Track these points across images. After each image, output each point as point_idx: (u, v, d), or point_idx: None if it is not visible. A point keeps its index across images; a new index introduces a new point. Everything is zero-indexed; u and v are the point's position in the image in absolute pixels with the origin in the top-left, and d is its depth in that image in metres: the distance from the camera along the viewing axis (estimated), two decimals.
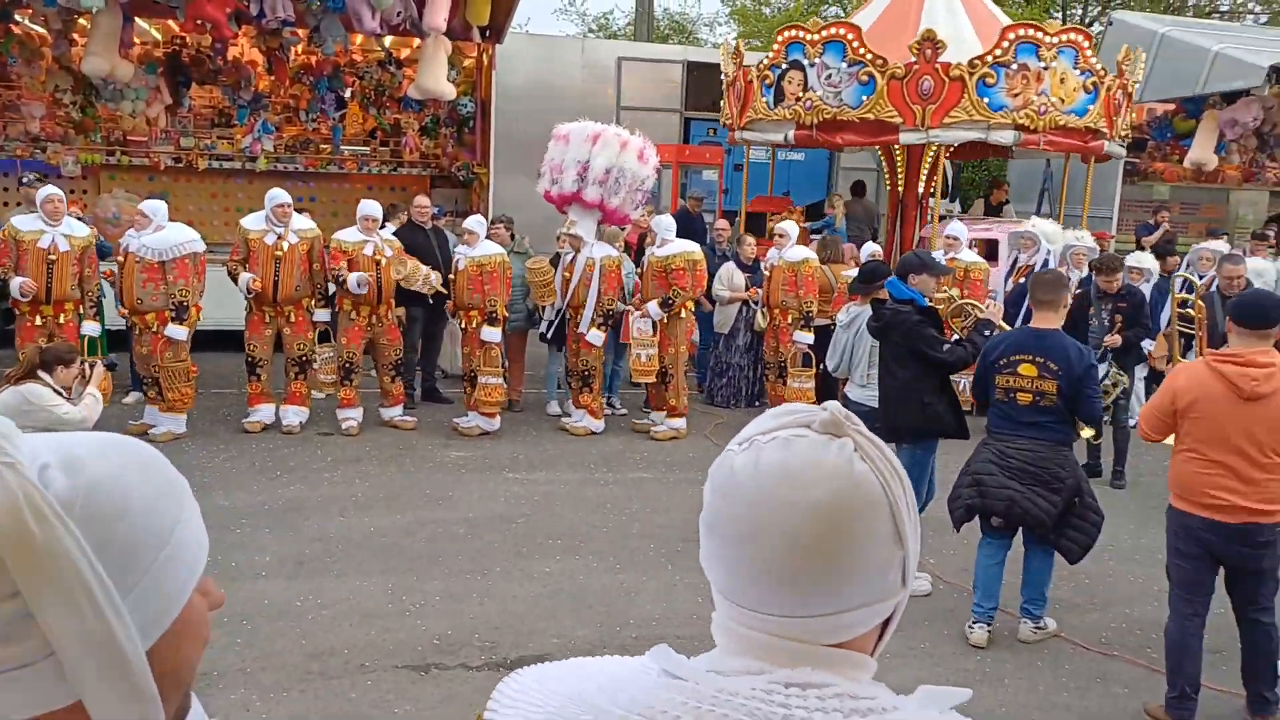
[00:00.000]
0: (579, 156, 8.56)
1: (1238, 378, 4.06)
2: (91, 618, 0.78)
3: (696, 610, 5.32)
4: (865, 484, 0.96)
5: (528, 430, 8.93)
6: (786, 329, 8.87)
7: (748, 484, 0.97)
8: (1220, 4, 23.24)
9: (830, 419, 0.98)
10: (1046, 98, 9.73)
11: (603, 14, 30.42)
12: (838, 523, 0.94)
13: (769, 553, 0.95)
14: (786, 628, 0.97)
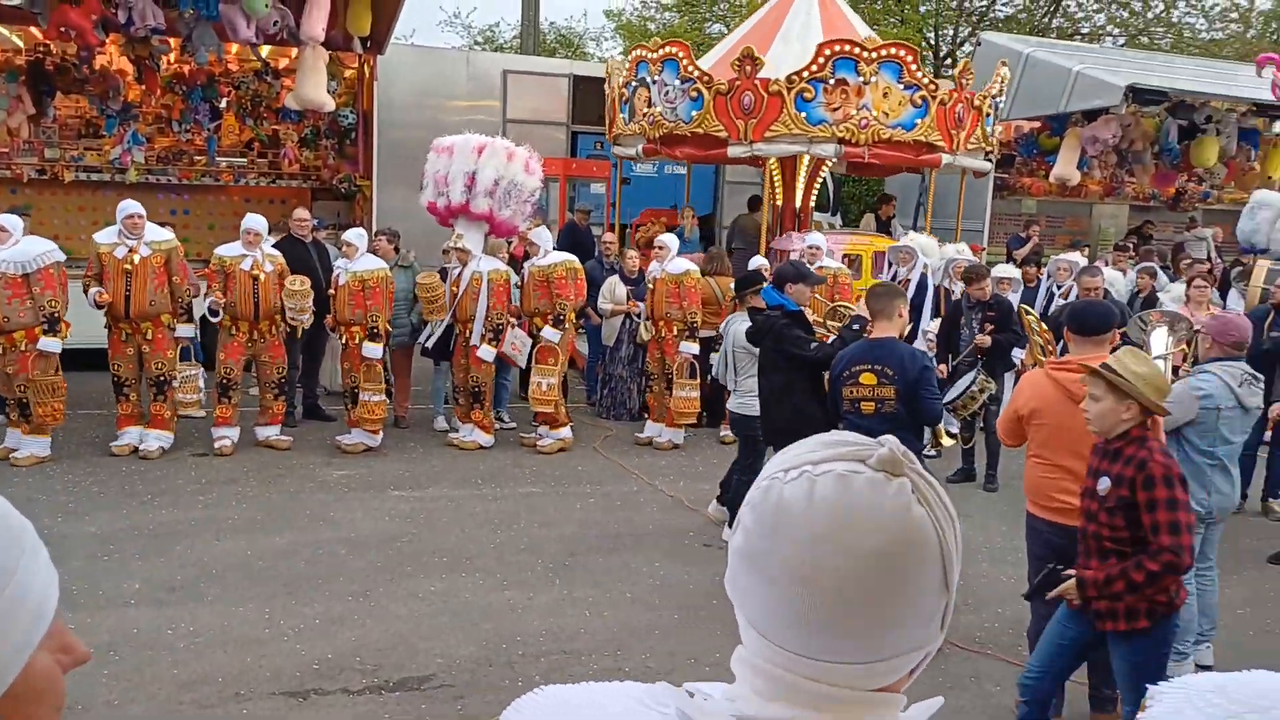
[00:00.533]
0: (465, 168, 8.51)
1: (1071, 384, 4.21)
2: None
3: (585, 625, 5.32)
4: (922, 531, 0.92)
5: (414, 446, 8.80)
6: (672, 341, 8.94)
7: (798, 519, 0.92)
8: (1081, 27, 24.39)
9: (889, 456, 0.93)
10: (868, 112, 9.89)
11: (488, 26, 30.16)
12: (893, 572, 0.91)
13: (818, 597, 0.91)
14: (825, 673, 0.93)
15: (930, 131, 10.18)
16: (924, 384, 4.97)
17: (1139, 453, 3.54)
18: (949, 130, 10.27)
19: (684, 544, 6.68)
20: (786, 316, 5.86)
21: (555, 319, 8.75)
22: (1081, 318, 4.41)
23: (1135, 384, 3.55)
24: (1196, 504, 4.84)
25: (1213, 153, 13.71)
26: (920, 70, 10.04)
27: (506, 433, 9.35)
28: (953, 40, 22.98)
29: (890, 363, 4.94)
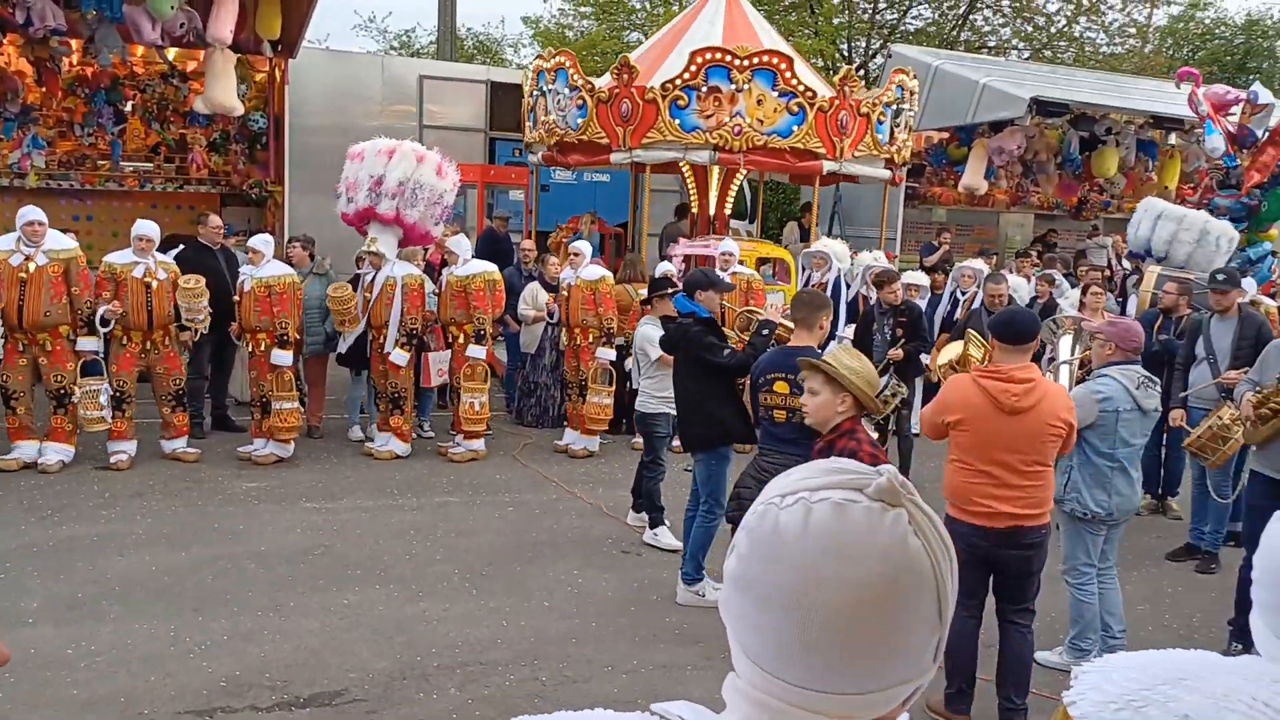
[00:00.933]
0: (373, 171, 8.41)
1: (1000, 393, 4.30)
2: None
3: (502, 635, 5.28)
4: (918, 563, 0.92)
5: (328, 457, 8.65)
6: (587, 348, 8.95)
7: (794, 547, 0.92)
8: (988, 40, 25.09)
9: (887, 486, 0.93)
10: (742, 119, 10.04)
11: (404, 32, 29.86)
12: (886, 603, 0.90)
13: (810, 625, 0.90)
14: (819, 702, 0.93)
15: (809, 138, 10.23)
16: None
17: (849, 444, 3.65)
18: (831, 137, 10.31)
19: (602, 551, 6.68)
20: (699, 324, 5.90)
21: (476, 335, 8.70)
22: (1009, 326, 4.44)
23: (850, 378, 3.68)
24: (1098, 505, 4.98)
25: (1113, 163, 14.20)
26: (796, 78, 10.08)
27: (424, 442, 9.25)
28: (865, 52, 23.43)
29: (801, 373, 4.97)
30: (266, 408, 8.28)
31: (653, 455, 6.94)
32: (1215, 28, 28.56)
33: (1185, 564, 6.98)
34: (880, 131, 10.69)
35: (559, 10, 27.26)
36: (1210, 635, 5.81)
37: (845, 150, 10.39)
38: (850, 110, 10.38)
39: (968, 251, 15.19)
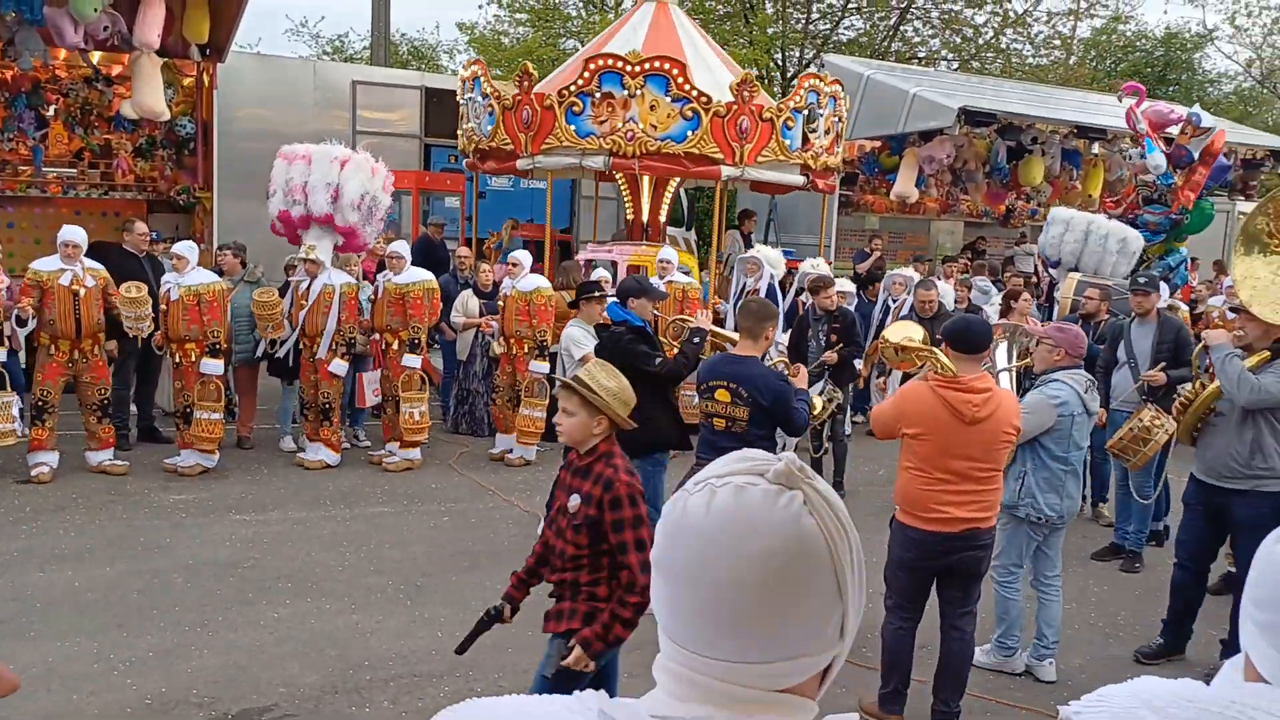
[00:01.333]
0: (328, 179, 8.31)
1: (961, 405, 4.33)
2: None
3: (436, 646, 5.23)
4: (810, 538, 0.97)
5: (258, 468, 8.49)
6: (523, 358, 8.90)
7: (697, 526, 0.99)
8: (918, 51, 25.54)
9: (784, 471, 1.00)
10: (635, 124, 10.12)
11: (337, 36, 29.49)
12: (781, 575, 0.96)
13: (712, 596, 0.97)
14: (728, 672, 0.98)
15: (705, 143, 10.22)
16: (786, 399, 4.92)
17: (605, 470, 3.50)
18: (730, 142, 10.29)
19: None
20: (631, 332, 5.92)
21: (412, 343, 8.63)
22: (964, 335, 4.46)
23: (606, 399, 3.52)
24: (1050, 509, 5.03)
25: (1038, 172, 14.53)
26: (689, 83, 10.09)
27: (358, 451, 9.14)
28: (799, 62, 23.70)
29: (745, 383, 4.88)
30: (188, 417, 8.11)
31: None
32: (1136, 40, 29.40)
33: (1110, 563, 7.15)
34: (788, 137, 10.57)
35: (494, 17, 27.12)
36: (1135, 632, 5.96)
37: (746, 156, 10.33)
38: (751, 115, 10.31)
39: (900, 259, 15.43)
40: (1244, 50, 30.76)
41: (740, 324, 5.15)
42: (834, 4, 24.74)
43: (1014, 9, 24.85)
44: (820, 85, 10.81)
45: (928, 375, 4.53)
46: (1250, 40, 30.24)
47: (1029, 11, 25.12)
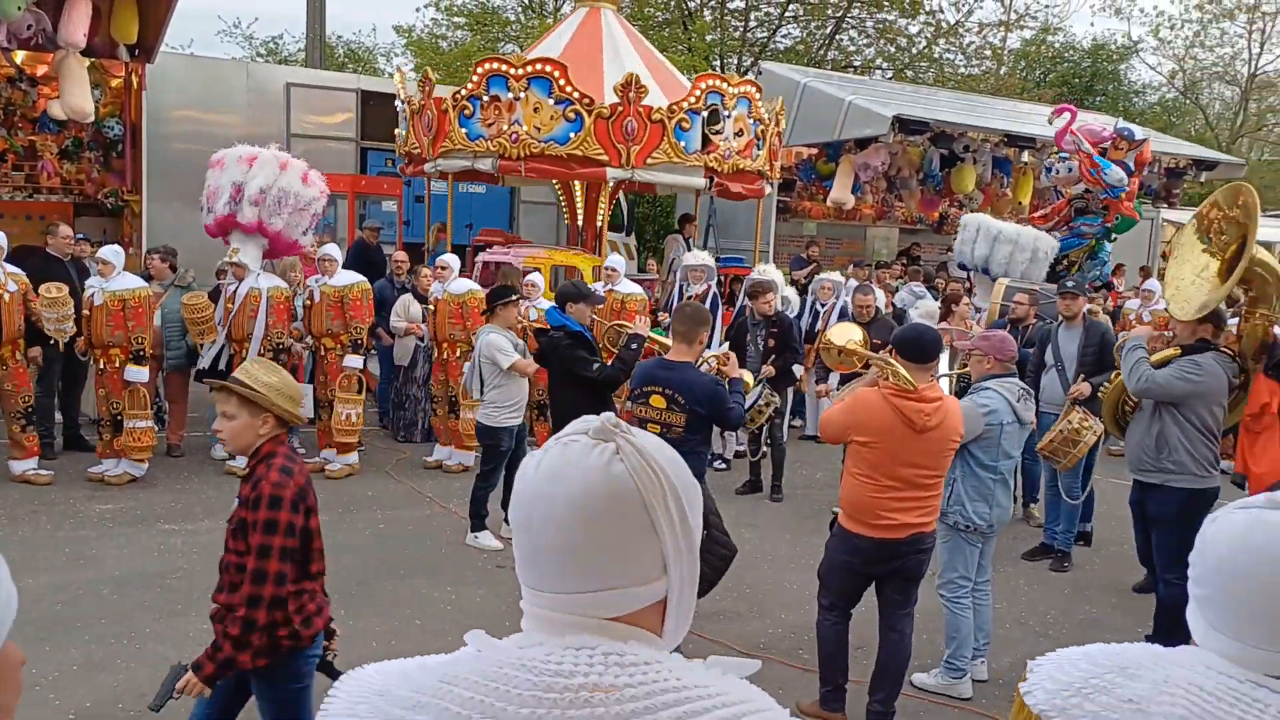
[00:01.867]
0: (234, 179, 8.17)
1: (914, 414, 4.36)
2: None
3: (370, 656, 5.14)
4: (618, 481, 1.12)
5: (188, 477, 8.32)
6: (455, 362, 8.83)
7: (529, 481, 1.16)
8: (854, 60, 25.89)
9: (599, 427, 1.16)
10: (520, 127, 10.17)
11: (271, 38, 29.02)
12: (590, 512, 1.11)
13: (538, 537, 1.13)
14: (559, 604, 1.14)
15: (589, 145, 10.20)
16: (720, 401, 4.91)
17: (261, 470, 3.29)
18: (614, 144, 10.26)
19: (477, 566, 6.61)
20: (568, 337, 5.91)
21: (354, 344, 8.59)
22: (915, 344, 4.47)
23: (268, 395, 3.32)
24: (979, 517, 5.06)
25: (970, 179, 14.80)
26: (571, 85, 10.10)
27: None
28: (737, 69, 23.88)
29: (680, 389, 4.86)
30: (117, 426, 7.93)
31: (491, 466, 6.96)
32: (1064, 51, 30.14)
33: (1040, 563, 7.30)
34: (684, 138, 10.42)
35: (432, 20, 26.93)
36: (1064, 631, 6.09)
37: (634, 157, 10.25)
38: (638, 117, 10.22)
39: (837, 264, 15.62)
40: (1167, 62, 31.79)
41: (674, 328, 5.12)
42: (771, 12, 24.99)
43: (946, 20, 25.34)
44: (724, 86, 10.56)
45: (879, 384, 4.52)
46: (1173, 52, 31.24)
47: (961, 22, 25.63)
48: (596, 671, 1.08)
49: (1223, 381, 5.46)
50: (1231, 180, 17.14)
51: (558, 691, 1.07)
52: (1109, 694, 1.42)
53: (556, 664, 1.09)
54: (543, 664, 1.09)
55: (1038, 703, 1.48)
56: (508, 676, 1.09)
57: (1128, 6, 34.37)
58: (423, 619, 5.69)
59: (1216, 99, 33.17)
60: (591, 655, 1.10)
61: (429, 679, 1.13)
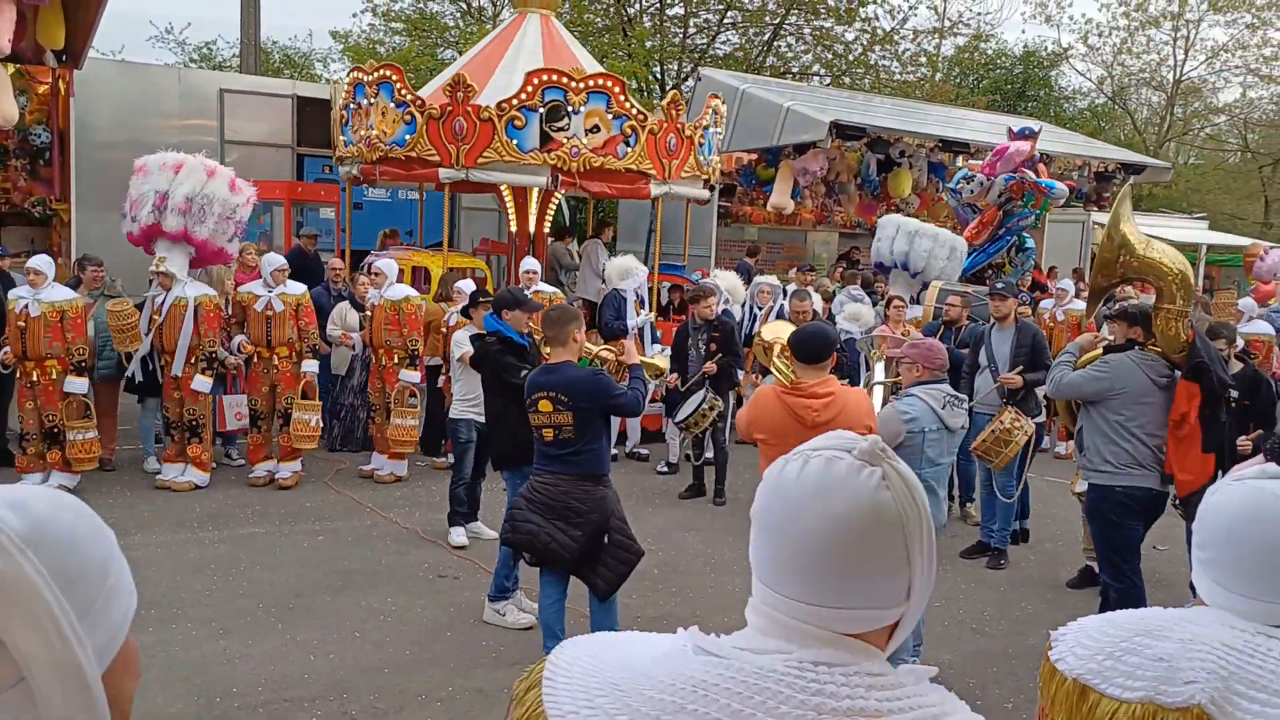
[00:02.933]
0: (158, 186, 8.03)
1: (802, 410, 4.44)
2: (57, 643, 0.87)
3: (309, 669, 5.09)
4: (883, 509, 1.13)
5: (121, 491, 8.14)
6: (392, 369, 8.74)
7: (791, 488, 1.16)
8: (792, 66, 26.14)
9: (869, 449, 1.17)
10: (372, 131, 10.32)
11: (205, 44, 28.50)
12: (854, 535, 1.13)
13: (798, 547, 1.14)
14: (804, 613, 1.14)
15: (422, 147, 10.14)
16: (603, 390, 4.87)
17: None
18: (445, 144, 10.11)
19: (418, 576, 6.55)
20: (500, 343, 5.89)
21: (312, 351, 8.66)
22: (803, 346, 4.54)
23: None
24: None
25: (906, 184, 15.01)
26: (405, 89, 10.11)
27: (228, 470, 8.85)
28: (677, 75, 24.01)
29: (562, 389, 4.81)
30: (52, 438, 7.74)
31: (457, 459, 7.24)
32: (997, 58, 30.71)
33: (977, 561, 7.42)
34: (516, 136, 10.06)
35: (369, 26, 26.68)
36: (1001, 627, 6.20)
37: (464, 157, 10.08)
38: (467, 117, 10.01)
39: (779, 268, 15.74)
40: (1096, 68, 32.51)
41: (544, 334, 5.11)
42: (710, 19, 25.14)
43: (882, 27, 25.67)
44: (569, 81, 9.95)
45: (775, 382, 4.64)
46: (1102, 59, 31.98)
47: (896, 30, 25.99)
48: (859, 694, 1.11)
49: (1138, 379, 5.48)
50: (1158, 183, 17.56)
51: (828, 713, 1.09)
52: (1139, 654, 1.55)
53: (818, 683, 1.11)
54: (802, 680, 1.11)
55: (1071, 668, 1.60)
56: (772, 691, 1.10)
57: (1057, 14, 35.15)
58: (361, 631, 5.62)
59: (1144, 104, 34.01)
60: (847, 675, 1.12)
61: (664, 677, 1.13)
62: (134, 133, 13.14)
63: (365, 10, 25.19)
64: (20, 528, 0.90)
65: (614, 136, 10.25)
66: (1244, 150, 32.62)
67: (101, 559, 0.97)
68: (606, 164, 10.26)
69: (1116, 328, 5.86)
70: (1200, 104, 32.71)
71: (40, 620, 0.87)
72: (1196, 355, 5.41)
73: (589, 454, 4.88)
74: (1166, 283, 5.49)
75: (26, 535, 0.89)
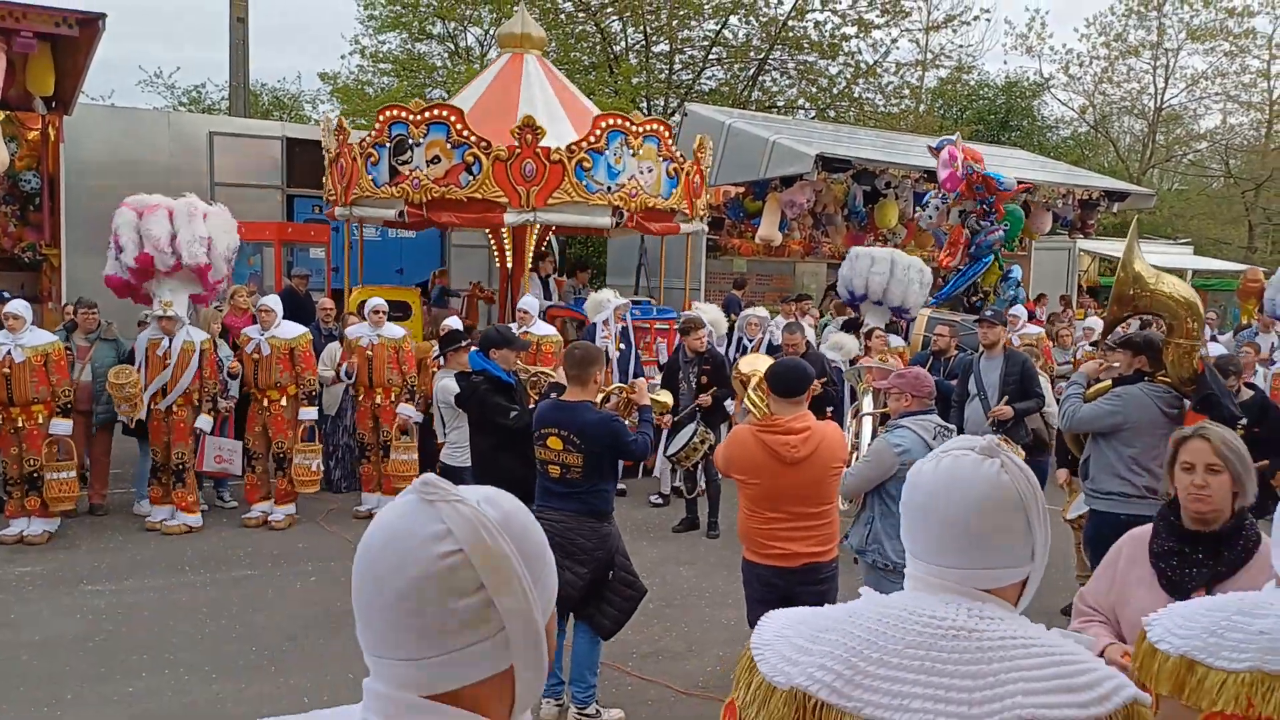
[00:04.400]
0: (169, 228, 8.02)
1: (780, 447, 4.41)
2: (524, 601, 1.14)
3: (300, 713, 5.05)
4: (1007, 489, 1.54)
5: (112, 534, 8.10)
6: (389, 407, 8.74)
7: (930, 478, 1.58)
8: (777, 100, 26.39)
9: (988, 445, 1.58)
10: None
11: (194, 87, 28.67)
12: (986, 510, 1.52)
13: (940, 526, 1.55)
14: (943, 574, 1.55)
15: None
16: (617, 437, 4.87)
17: None
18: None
19: None
20: (488, 382, 5.85)
21: (308, 395, 8.62)
22: (779, 380, 4.52)
23: None
24: (898, 556, 5.06)
25: (893, 214, 15.13)
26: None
27: (221, 513, 8.82)
28: (663, 110, 24.22)
29: (575, 429, 4.79)
30: (33, 483, 7.72)
31: None
32: (979, 89, 31.04)
33: None
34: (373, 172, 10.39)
35: (358, 67, 26.87)
36: None
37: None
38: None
39: (768, 300, 15.82)
40: (1078, 97, 32.87)
41: (566, 371, 5.09)
42: (695, 55, 25.41)
43: (865, 61, 25.96)
44: (408, 116, 10.11)
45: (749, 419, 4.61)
46: (1083, 88, 32.33)
47: (879, 63, 26.28)
48: (962, 618, 1.50)
49: (1150, 411, 5.44)
50: (1142, 210, 17.75)
51: (932, 628, 1.50)
52: (1241, 631, 1.76)
53: (933, 612, 1.52)
54: (923, 610, 1.52)
55: (1175, 647, 1.82)
56: (897, 616, 1.53)
57: (1038, 45, 35.45)
58: (355, 673, 5.56)
59: (1126, 132, 34.35)
60: (958, 608, 1.51)
61: (837, 613, 1.60)
62: (124, 177, 13.17)
63: (354, 52, 25.45)
64: (496, 517, 1.16)
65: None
66: (1226, 175, 32.92)
67: (541, 543, 1.21)
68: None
69: (1121, 357, 5.79)
70: (1182, 131, 33.05)
71: (514, 586, 1.13)
72: (1206, 387, 5.39)
73: (596, 495, 4.89)
74: (1180, 318, 5.51)
75: (501, 521, 1.16)
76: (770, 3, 24.52)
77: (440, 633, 1.11)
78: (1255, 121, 31.82)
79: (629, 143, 10.46)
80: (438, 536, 1.11)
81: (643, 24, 24.25)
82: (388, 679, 1.14)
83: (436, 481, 1.16)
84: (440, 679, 1.12)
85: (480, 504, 1.16)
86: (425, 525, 1.12)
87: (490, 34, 23.64)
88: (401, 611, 1.11)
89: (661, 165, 10.81)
